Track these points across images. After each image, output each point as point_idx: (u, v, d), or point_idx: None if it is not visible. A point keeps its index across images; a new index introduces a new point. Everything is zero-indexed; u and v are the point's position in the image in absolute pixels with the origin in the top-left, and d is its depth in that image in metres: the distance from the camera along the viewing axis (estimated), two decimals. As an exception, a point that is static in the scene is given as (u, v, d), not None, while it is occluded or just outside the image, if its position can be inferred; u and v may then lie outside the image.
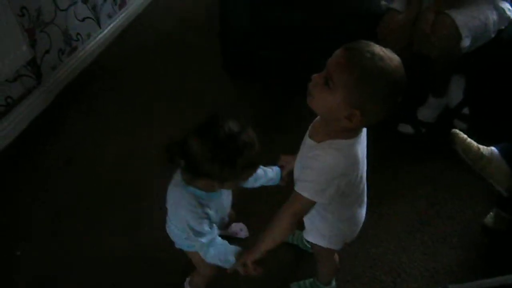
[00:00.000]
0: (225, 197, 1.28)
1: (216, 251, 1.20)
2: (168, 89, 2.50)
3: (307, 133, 1.16)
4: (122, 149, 2.17)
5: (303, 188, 1.07)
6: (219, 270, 1.37)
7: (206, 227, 1.17)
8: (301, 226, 1.29)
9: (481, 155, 1.58)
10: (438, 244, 1.76)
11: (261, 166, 1.37)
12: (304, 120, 1.18)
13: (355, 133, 1.07)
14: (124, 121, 2.33)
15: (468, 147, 1.61)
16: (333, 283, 1.61)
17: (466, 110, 2.17)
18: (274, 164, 1.42)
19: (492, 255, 1.72)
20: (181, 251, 1.39)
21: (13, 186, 2.03)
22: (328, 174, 1.04)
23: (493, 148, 1.61)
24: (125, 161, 2.11)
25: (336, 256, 1.51)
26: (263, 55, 2.34)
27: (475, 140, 1.69)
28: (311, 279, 1.61)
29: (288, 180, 1.38)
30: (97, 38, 2.76)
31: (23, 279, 1.71)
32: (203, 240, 1.17)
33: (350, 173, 1.08)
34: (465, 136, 1.61)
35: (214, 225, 1.21)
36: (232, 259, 1.20)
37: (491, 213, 1.79)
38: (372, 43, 0.98)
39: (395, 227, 1.81)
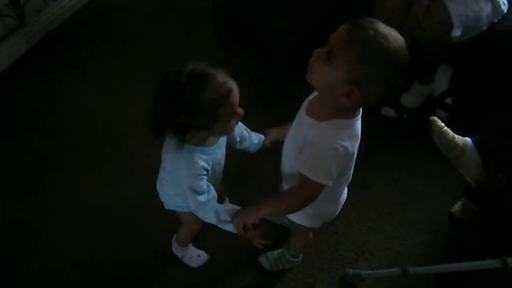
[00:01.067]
0: (220, 154, 1.26)
1: (214, 210, 1.19)
2: (152, 47, 2.43)
3: (303, 110, 1.13)
4: (105, 99, 2.14)
5: (309, 170, 1.05)
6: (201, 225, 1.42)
7: (204, 185, 1.17)
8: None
9: (455, 145, 1.60)
10: (405, 228, 1.80)
11: (248, 130, 1.37)
12: (296, 96, 1.17)
13: (354, 113, 1.06)
14: (106, 72, 2.28)
15: (444, 135, 1.63)
16: (301, 256, 1.64)
17: (449, 100, 2.18)
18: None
19: (457, 243, 1.76)
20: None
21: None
22: (334, 154, 1.03)
23: (468, 139, 1.64)
24: (109, 112, 2.09)
25: (310, 234, 1.53)
26: (261, 24, 2.28)
27: (455, 132, 1.71)
28: (279, 250, 1.63)
29: (269, 146, 1.39)
30: (86, -15, 2.66)
31: (3, 223, 1.72)
32: (202, 198, 1.16)
33: (352, 152, 1.08)
34: (443, 124, 1.63)
35: (211, 186, 1.21)
36: (228, 218, 1.19)
37: (459, 202, 1.82)
38: (377, 21, 0.96)
39: (365, 207, 1.84)
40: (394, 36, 0.95)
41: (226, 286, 1.63)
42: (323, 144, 1.04)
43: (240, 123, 1.26)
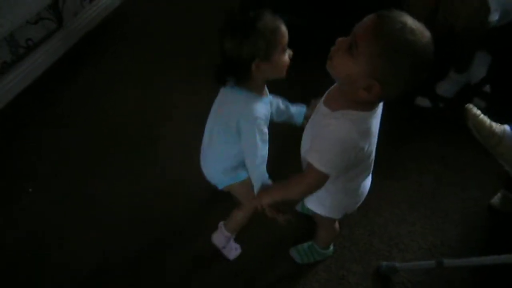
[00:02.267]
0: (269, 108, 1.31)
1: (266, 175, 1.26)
2: (187, 44, 2.48)
3: (322, 99, 1.12)
4: (136, 98, 2.20)
5: (317, 160, 1.04)
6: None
7: (266, 129, 1.23)
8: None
9: (493, 133, 1.54)
10: (439, 220, 1.76)
11: (283, 101, 1.41)
12: (314, 93, 1.17)
13: (372, 106, 1.03)
14: (140, 71, 2.34)
15: (480, 123, 1.56)
16: (331, 247, 1.64)
17: (487, 88, 2.11)
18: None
19: (493, 235, 1.71)
20: (191, 197, 1.42)
21: (28, 127, 2.09)
22: (341, 144, 1.01)
23: (506, 126, 1.57)
24: (138, 110, 2.14)
25: (337, 223, 1.52)
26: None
27: (494, 120, 1.64)
28: (310, 243, 1.63)
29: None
30: (120, -13, 2.74)
31: (26, 217, 1.78)
32: (265, 153, 1.23)
33: (361, 146, 1.04)
34: (479, 112, 1.57)
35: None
36: (258, 185, 1.26)
37: (498, 194, 1.76)
38: (405, 14, 0.92)
39: (398, 199, 1.81)
40: (421, 31, 0.91)
41: (261, 278, 1.63)
42: (331, 134, 1.02)
43: (276, 98, 1.36)
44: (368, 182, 1.29)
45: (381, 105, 1.07)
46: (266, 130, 1.22)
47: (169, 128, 2.06)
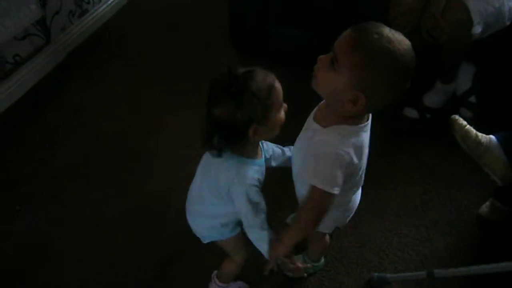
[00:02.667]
0: (264, 168, 1.24)
1: (267, 233, 1.17)
2: (175, 59, 2.49)
3: (311, 115, 1.13)
4: (126, 114, 2.20)
5: (319, 181, 1.03)
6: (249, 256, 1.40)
7: (259, 196, 1.15)
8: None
9: (478, 143, 1.56)
10: (430, 231, 1.76)
11: (277, 145, 1.35)
12: (310, 104, 1.15)
13: (361, 119, 1.05)
14: (130, 86, 2.34)
15: (466, 134, 1.58)
16: (322, 260, 1.63)
17: (473, 99, 2.14)
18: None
19: (483, 245, 1.72)
20: (183, 214, 1.37)
21: (17, 144, 2.07)
22: (336, 161, 1.01)
23: (492, 136, 1.59)
24: (128, 127, 2.14)
25: (327, 237, 1.52)
26: (276, 32, 2.30)
27: (480, 130, 1.67)
28: (300, 256, 1.62)
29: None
30: (108, 2, 2.75)
31: (16, 233, 1.76)
32: (260, 217, 1.15)
33: (354, 160, 1.05)
34: (465, 122, 1.59)
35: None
36: (266, 247, 1.18)
37: (487, 203, 1.78)
38: (382, 25, 0.95)
39: (388, 210, 1.82)
40: (399, 39, 0.93)
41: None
42: (326, 150, 1.02)
43: (267, 142, 1.29)
44: (358, 195, 1.29)
45: (370, 118, 1.08)
46: (260, 198, 1.15)
47: (160, 143, 2.05)
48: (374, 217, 1.79)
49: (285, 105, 1.13)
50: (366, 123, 1.06)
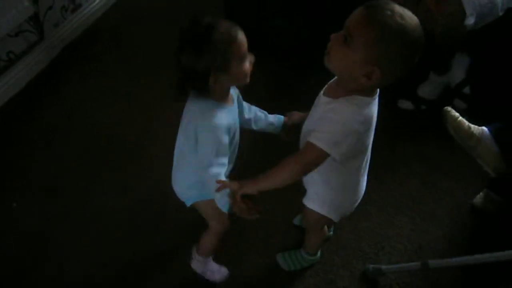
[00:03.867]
0: (236, 119, 1.27)
1: (211, 184, 1.17)
2: (171, 54, 2.46)
3: (321, 92, 1.15)
4: (122, 109, 2.19)
5: (318, 139, 1.05)
6: (228, 227, 1.42)
7: (227, 140, 1.19)
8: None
9: (471, 134, 1.57)
10: (426, 222, 1.78)
11: (261, 110, 1.39)
12: (304, 94, 1.16)
13: (372, 92, 1.08)
14: (125, 81, 2.33)
15: (459, 125, 1.59)
16: (318, 254, 1.64)
17: (467, 90, 2.14)
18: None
19: (477, 235, 1.74)
20: (182, 208, 1.39)
21: (13, 142, 2.07)
22: (344, 126, 1.04)
23: (484, 128, 1.60)
24: (124, 121, 2.13)
25: (326, 228, 1.53)
26: (273, 25, 2.30)
27: (474, 121, 1.68)
28: (297, 250, 1.64)
29: (292, 135, 1.34)
30: (102, -3, 2.73)
31: (14, 230, 1.76)
32: (222, 169, 1.18)
33: (363, 131, 1.08)
34: (457, 114, 1.60)
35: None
36: (215, 185, 1.17)
37: (481, 193, 1.79)
38: (392, 2, 0.99)
39: (385, 202, 1.83)
40: (409, 15, 0.98)
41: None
42: (335, 116, 1.05)
43: (253, 106, 1.35)
44: (364, 182, 1.31)
45: (378, 92, 1.11)
46: (226, 140, 1.18)
47: (158, 138, 2.05)
48: (371, 209, 1.80)
49: (251, 56, 1.17)
50: (376, 96, 1.10)
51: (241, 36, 1.13)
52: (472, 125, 1.60)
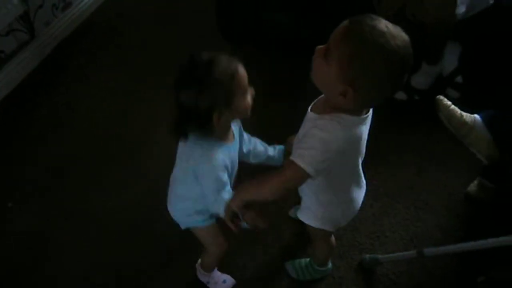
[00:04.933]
0: (236, 153, 1.27)
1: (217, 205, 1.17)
2: (165, 51, 2.46)
3: (309, 107, 1.11)
4: (116, 107, 2.19)
5: (298, 156, 1.00)
6: (227, 246, 1.42)
7: (226, 177, 1.17)
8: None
9: (463, 122, 1.59)
10: (420, 211, 1.79)
11: (262, 143, 1.37)
12: (302, 90, 1.15)
13: (359, 112, 1.02)
14: (118, 79, 2.33)
15: (451, 114, 1.61)
16: (329, 264, 1.60)
17: (459, 79, 2.15)
18: (278, 141, 1.40)
19: (471, 223, 1.75)
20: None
21: (7, 140, 2.07)
22: (325, 144, 0.98)
23: (476, 116, 1.61)
24: (119, 120, 2.13)
25: (333, 237, 1.48)
26: (266, 18, 2.28)
27: (467, 110, 1.69)
28: (308, 259, 1.60)
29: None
30: (92, -6, 2.71)
31: (12, 230, 1.76)
32: (226, 195, 1.15)
33: (347, 151, 1.03)
34: (449, 103, 1.61)
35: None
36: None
37: (475, 181, 1.80)
38: (379, 18, 0.92)
39: (380, 192, 1.84)
40: (394, 34, 0.89)
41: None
42: (316, 132, 0.99)
43: (254, 138, 1.33)
44: (361, 195, 1.27)
45: (371, 112, 1.06)
46: (225, 178, 1.16)
47: (155, 136, 2.04)
48: (366, 199, 1.78)
49: (251, 89, 1.15)
50: (365, 115, 1.03)
51: (242, 70, 1.11)
52: (464, 113, 1.61)
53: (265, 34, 2.31)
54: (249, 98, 1.14)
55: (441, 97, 1.62)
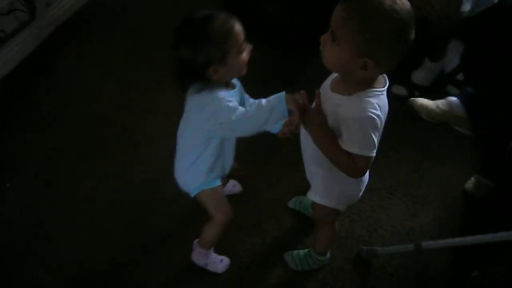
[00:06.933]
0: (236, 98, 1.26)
1: (254, 112, 1.14)
2: (169, 37, 2.43)
3: (327, 88, 1.12)
4: (118, 94, 2.17)
5: (360, 149, 1.05)
6: (232, 216, 1.43)
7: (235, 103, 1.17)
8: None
9: (441, 111, 1.67)
10: (418, 206, 1.81)
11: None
12: (303, 82, 1.16)
13: (380, 82, 1.06)
14: (119, 62, 2.31)
15: (428, 109, 1.68)
16: (328, 255, 1.60)
17: (460, 76, 2.16)
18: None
19: (468, 219, 1.77)
20: (179, 194, 1.40)
21: (5, 124, 2.04)
22: (371, 125, 1.03)
23: (450, 98, 1.71)
24: (120, 106, 2.11)
25: (337, 224, 1.50)
26: (269, 10, 2.27)
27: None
28: (306, 250, 1.61)
29: (289, 133, 1.25)
30: (95, -24, 2.68)
31: (9, 212, 1.75)
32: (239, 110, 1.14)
33: (383, 121, 1.07)
34: (420, 100, 1.69)
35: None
36: (283, 106, 1.11)
37: (472, 178, 1.82)
38: None
39: (379, 186, 1.85)
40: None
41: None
42: (357, 115, 1.03)
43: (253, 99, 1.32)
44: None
45: (387, 82, 1.09)
46: (235, 103, 1.17)
47: (154, 123, 2.03)
48: (365, 193, 1.78)
49: (249, 45, 1.17)
50: (385, 86, 1.08)
51: (238, 27, 1.14)
52: (438, 101, 1.68)
53: (264, 25, 2.30)
54: (245, 55, 1.17)
55: (411, 98, 1.72)
